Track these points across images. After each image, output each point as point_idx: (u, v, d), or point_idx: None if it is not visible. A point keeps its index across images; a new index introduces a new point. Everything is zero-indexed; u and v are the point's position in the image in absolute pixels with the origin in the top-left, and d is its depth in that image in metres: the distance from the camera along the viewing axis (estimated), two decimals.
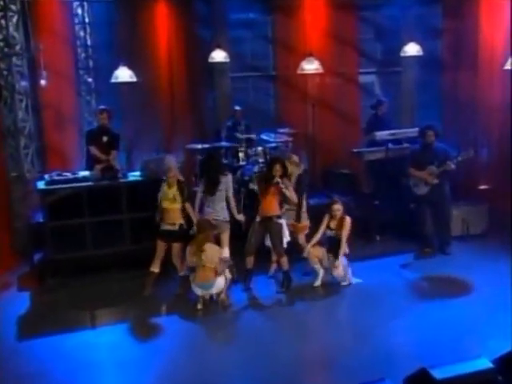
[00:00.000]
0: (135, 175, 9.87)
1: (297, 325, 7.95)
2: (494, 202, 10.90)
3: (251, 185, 9.22)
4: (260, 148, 10.82)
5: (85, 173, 9.77)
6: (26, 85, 10.22)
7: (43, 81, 10.60)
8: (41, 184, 9.48)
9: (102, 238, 9.47)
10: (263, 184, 8.82)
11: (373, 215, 10.75)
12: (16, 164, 10.18)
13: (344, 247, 8.80)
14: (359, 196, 11.20)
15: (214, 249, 8.42)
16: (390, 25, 12.47)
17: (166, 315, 8.39)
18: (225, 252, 8.84)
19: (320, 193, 11.12)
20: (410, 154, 10.26)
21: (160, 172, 9.08)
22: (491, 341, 6.73)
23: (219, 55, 11.33)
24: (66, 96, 11.27)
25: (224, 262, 8.43)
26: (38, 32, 10.50)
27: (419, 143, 10.15)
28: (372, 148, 10.86)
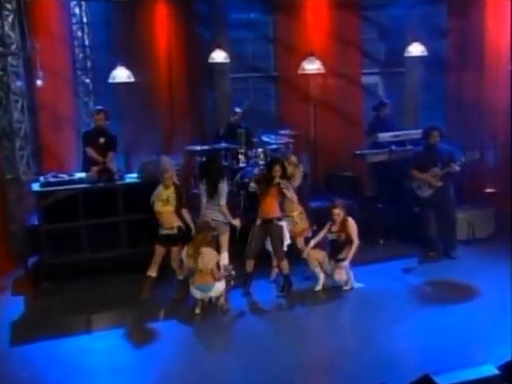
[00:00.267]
0: (132, 177, 9.78)
1: (297, 330, 7.88)
2: (501, 206, 10.80)
3: (251, 185, 9.06)
4: (260, 150, 10.72)
5: (81, 175, 9.68)
6: (22, 85, 10.17)
7: (39, 81, 10.57)
8: (36, 186, 9.40)
9: (98, 242, 9.37)
10: (263, 185, 8.74)
11: (376, 218, 10.66)
12: (11, 166, 10.12)
13: (355, 250, 8.71)
14: (362, 199, 11.13)
15: (211, 254, 8.30)
16: (394, 24, 12.36)
17: (164, 320, 8.31)
18: (224, 256, 8.76)
19: (322, 196, 11.04)
20: (413, 156, 10.18)
21: (158, 174, 8.98)
22: (497, 347, 6.61)
23: (219, 55, 11.29)
24: (63, 97, 11.19)
25: (224, 270, 8.34)
26: (35, 31, 10.42)
27: (422, 145, 10.06)
28: (375, 150, 10.79)
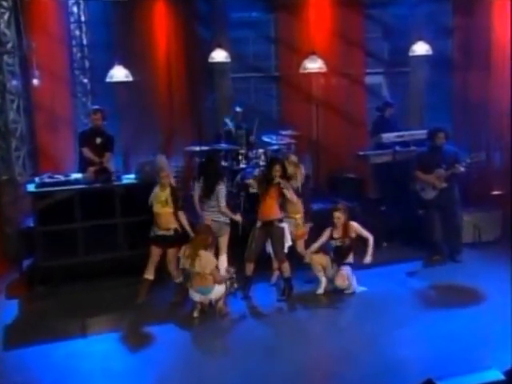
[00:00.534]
0: (130, 178, 9.68)
1: (298, 334, 7.78)
2: (508, 208, 10.67)
3: (251, 182, 8.95)
4: (261, 150, 10.63)
5: (77, 175, 9.57)
6: (18, 84, 10.13)
7: (36, 80, 10.54)
8: (31, 187, 9.30)
9: (95, 244, 9.27)
10: (263, 185, 8.60)
11: (379, 221, 10.51)
12: (7, 167, 10.09)
13: (372, 245, 8.70)
14: (365, 201, 11.07)
15: (209, 258, 8.16)
16: (398, 23, 12.30)
17: (161, 324, 8.15)
18: (223, 259, 8.66)
19: (324, 198, 10.92)
20: (417, 157, 10.07)
21: (155, 174, 8.84)
22: (503, 352, 6.41)
23: (220, 55, 11.22)
24: (60, 97, 11.11)
25: (227, 273, 8.24)
26: (31, 30, 10.39)
27: (427, 145, 9.94)
28: (378, 151, 10.71)
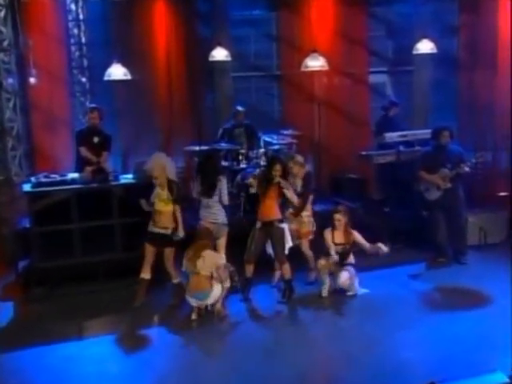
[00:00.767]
0: (128, 178, 9.55)
1: (299, 337, 7.63)
2: None
3: (250, 181, 8.85)
4: (262, 150, 10.54)
5: (74, 175, 9.43)
6: (14, 83, 10.06)
7: (32, 79, 10.49)
8: (27, 187, 9.17)
9: (92, 245, 9.13)
10: (263, 185, 8.46)
11: (383, 222, 10.37)
12: (3, 167, 10.00)
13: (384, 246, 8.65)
14: (368, 202, 11.01)
15: (213, 256, 8.08)
16: (402, 21, 12.14)
17: (158, 326, 8.09)
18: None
19: (327, 199, 10.85)
20: (421, 156, 9.92)
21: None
22: (508, 355, 6.16)
23: (220, 54, 11.17)
24: (57, 95, 11.01)
25: (225, 268, 8.05)
26: (28, 27, 10.32)
27: (431, 145, 9.82)
28: (382, 151, 10.59)
